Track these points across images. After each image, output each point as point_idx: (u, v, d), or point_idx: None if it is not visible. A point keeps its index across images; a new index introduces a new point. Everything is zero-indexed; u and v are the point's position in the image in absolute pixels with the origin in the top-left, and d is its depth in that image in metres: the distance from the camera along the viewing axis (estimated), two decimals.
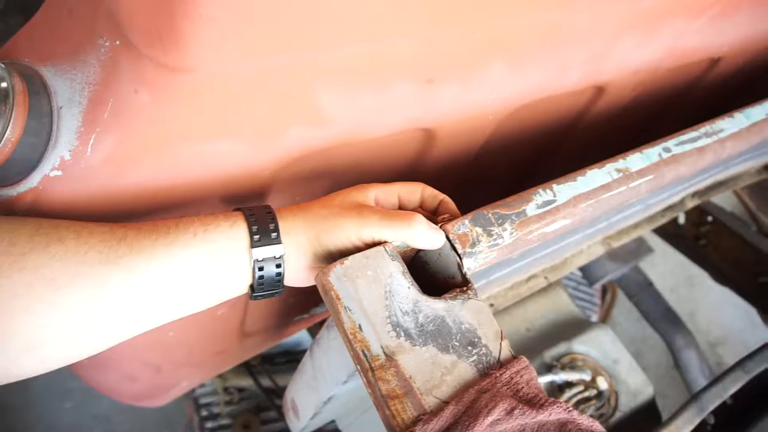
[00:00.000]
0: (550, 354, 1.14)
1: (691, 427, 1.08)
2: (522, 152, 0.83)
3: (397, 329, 0.44)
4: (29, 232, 0.36)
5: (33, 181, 0.41)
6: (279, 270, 0.46)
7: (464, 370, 0.44)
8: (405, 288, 0.46)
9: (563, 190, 0.58)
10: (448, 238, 0.50)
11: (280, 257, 0.46)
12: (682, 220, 1.80)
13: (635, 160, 0.63)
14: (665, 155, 0.65)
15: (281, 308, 0.96)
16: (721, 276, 1.74)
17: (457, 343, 0.45)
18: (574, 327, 1.22)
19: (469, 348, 0.45)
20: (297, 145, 0.53)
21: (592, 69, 0.71)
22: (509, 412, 0.41)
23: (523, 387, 0.44)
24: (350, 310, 0.44)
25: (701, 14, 0.75)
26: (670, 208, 1.44)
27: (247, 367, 1.41)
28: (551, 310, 1.24)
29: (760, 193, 1.64)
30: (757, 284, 1.61)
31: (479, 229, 0.52)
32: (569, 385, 1.09)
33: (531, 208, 0.55)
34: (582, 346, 1.16)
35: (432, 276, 0.53)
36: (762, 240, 1.61)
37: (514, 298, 1.16)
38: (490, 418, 0.41)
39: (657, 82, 0.89)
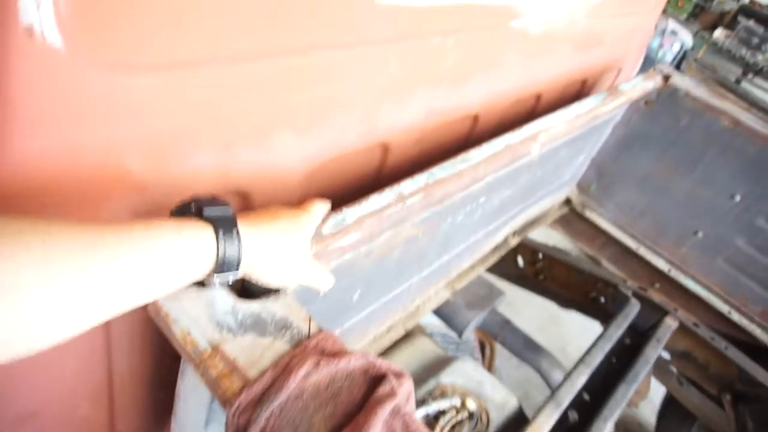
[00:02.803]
0: (421, 391, 1.25)
1: (552, 421, 1.23)
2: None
3: (219, 326, 0.54)
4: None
5: None
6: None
7: (280, 346, 0.55)
8: (224, 297, 0.57)
9: (351, 212, 0.74)
10: None
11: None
12: (521, 263, 2.07)
13: (407, 185, 0.82)
14: (431, 179, 0.85)
15: (151, 406, 0.97)
16: (563, 301, 2.01)
17: (272, 329, 0.56)
18: (440, 364, 1.34)
19: (283, 330, 0.56)
20: (122, 213, 0.63)
21: (367, 130, 0.91)
22: (317, 364, 0.52)
23: (327, 348, 0.55)
24: (179, 321, 0.54)
25: (439, 83, 1.00)
26: (498, 247, 1.69)
27: None
28: (417, 355, 1.36)
29: (568, 225, 1.96)
30: (590, 299, 1.88)
31: None
32: (443, 413, 1.20)
33: (326, 228, 0.70)
34: (448, 377, 1.28)
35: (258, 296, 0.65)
36: (582, 261, 1.91)
37: (379, 350, 1.28)
38: (302, 372, 0.51)
39: (433, 138, 1.13)
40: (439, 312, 1.62)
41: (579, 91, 1.64)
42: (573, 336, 2.72)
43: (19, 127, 0.49)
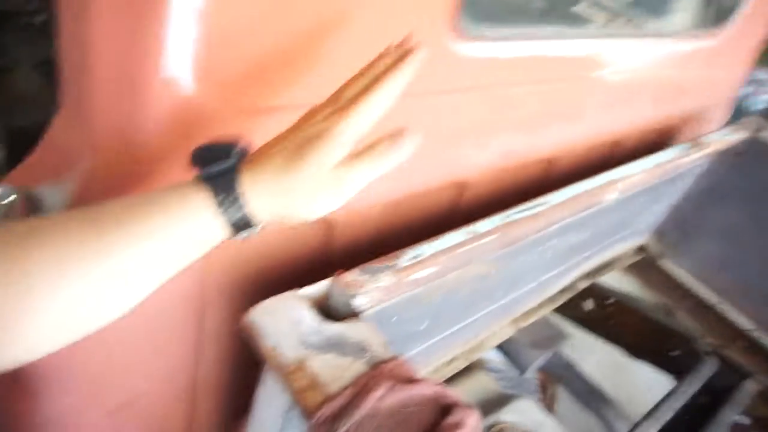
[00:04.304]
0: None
1: None
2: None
3: (305, 344, 0.60)
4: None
5: None
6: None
7: (358, 367, 0.59)
8: (310, 317, 0.63)
9: (428, 248, 0.78)
10: (341, 283, 0.68)
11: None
12: (590, 306, 2.02)
13: (483, 224, 0.86)
14: (507, 220, 0.89)
15: (229, 411, 1.05)
16: (632, 350, 1.94)
17: (352, 350, 0.61)
18: (500, 401, 1.34)
19: (362, 352, 0.61)
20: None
21: (445, 170, 0.96)
22: (391, 388, 0.56)
23: (402, 373, 0.59)
24: (268, 336, 0.60)
25: (517, 128, 1.04)
26: (566, 289, 1.67)
27: None
28: (477, 390, 1.37)
29: (642, 273, 1.91)
30: (662, 352, 1.81)
31: (366, 276, 0.70)
32: None
33: (403, 261, 0.75)
34: (508, 415, 1.28)
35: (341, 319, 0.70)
36: (655, 311, 1.84)
37: (440, 379, 1.30)
38: (377, 393, 0.56)
39: (508, 179, 1.16)
40: (502, 348, 1.62)
41: (660, 140, 1.62)
42: (640, 388, 2.59)
43: (156, 170, 0.57)
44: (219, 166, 0.49)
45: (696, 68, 1.46)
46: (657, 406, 1.38)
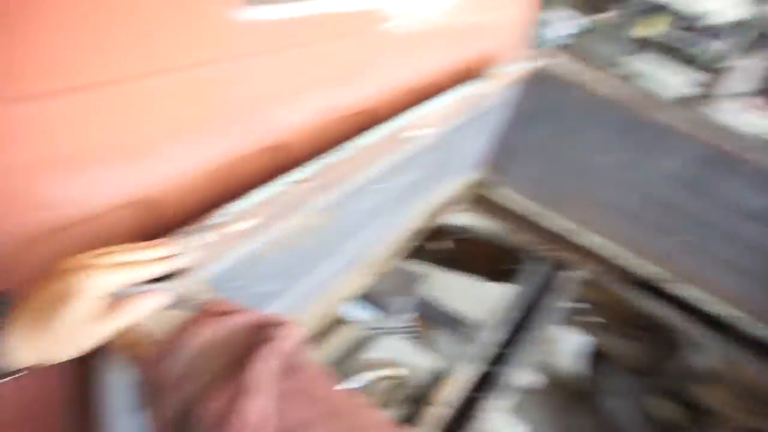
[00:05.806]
0: (350, 369, 1.35)
1: (471, 374, 1.34)
2: None
3: None
4: None
5: None
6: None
7: (178, 315, 0.64)
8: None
9: (246, 202, 0.84)
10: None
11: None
12: (437, 245, 2.19)
13: (300, 172, 0.93)
14: (321, 166, 0.97)
15: None
16: (487, 275, 2.15)
17: (178, 304, 0.65)
18: (365, 343, 1.45)
19: (183, 304, 0.66)
20: (36, 229, 0.71)
21: (258, 134, 1.02)
22: (208, 324, 0.62)
23: (223, 308, 0.65)
24: None
25: (317, 86, 1.12)
26: (411, 232, 1.82)
27: None
28: (343, 340, 1.46)
29: (478, 205, 2.11)
30: (509, 270, 2.04)
31: (185, 237, 0.74)
32: (374, 383, 1.30)
33: (222, 217, 0.80)
34: (373, 353, 1.40)
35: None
36: (496, 237, 2.07)
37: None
38: (198, 330, 0.61)
39: (331, 135, 1.24)
40: (364, 301, 1.73)
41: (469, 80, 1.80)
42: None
43: None
44: None
45: (483, 12, 1.64)
46: (499, 312, 1.58)
